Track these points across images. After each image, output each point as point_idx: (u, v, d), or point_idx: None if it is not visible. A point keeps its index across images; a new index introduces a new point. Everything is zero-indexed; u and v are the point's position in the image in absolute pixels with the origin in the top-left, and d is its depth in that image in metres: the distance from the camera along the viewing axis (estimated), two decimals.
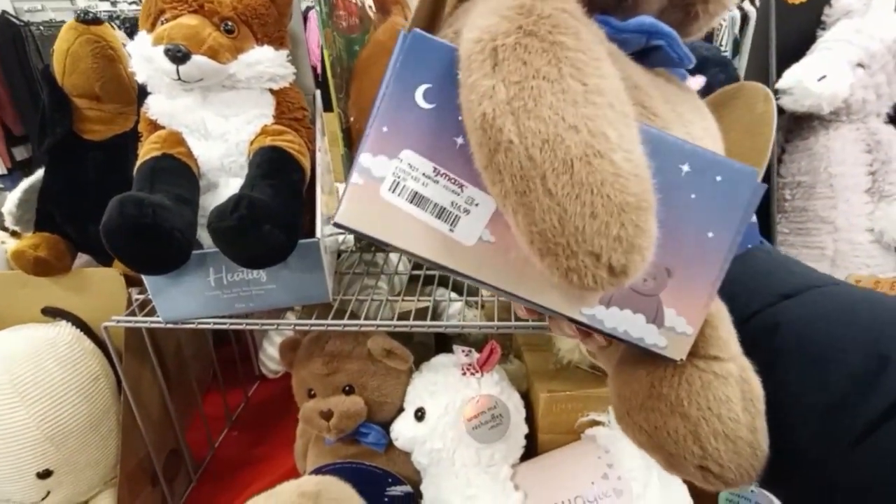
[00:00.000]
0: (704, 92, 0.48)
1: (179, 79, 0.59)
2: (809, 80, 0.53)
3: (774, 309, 0.31)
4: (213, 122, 0.64)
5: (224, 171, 0.65)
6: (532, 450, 0.74)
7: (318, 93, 0.77)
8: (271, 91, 0.66)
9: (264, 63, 0.64)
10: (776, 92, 0.57)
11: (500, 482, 0.66)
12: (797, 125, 0.60)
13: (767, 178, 0.55)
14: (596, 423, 0.72)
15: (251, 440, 1.02)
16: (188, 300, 0.63)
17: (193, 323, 0.65)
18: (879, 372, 0.26)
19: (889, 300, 0.30)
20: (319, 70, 0.83)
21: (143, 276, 0.62)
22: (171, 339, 0.86)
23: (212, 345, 1.04)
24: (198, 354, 0.98)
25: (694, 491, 0.67)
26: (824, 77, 0.53)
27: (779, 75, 0.57)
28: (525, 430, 0.72)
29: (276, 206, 0.56)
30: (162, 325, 0.66)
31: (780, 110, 0.58)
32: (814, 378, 0.28)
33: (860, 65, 0.51)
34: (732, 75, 0.49)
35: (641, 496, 0.63)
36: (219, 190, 0.65)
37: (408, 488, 0.72)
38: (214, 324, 0.65)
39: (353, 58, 0.73)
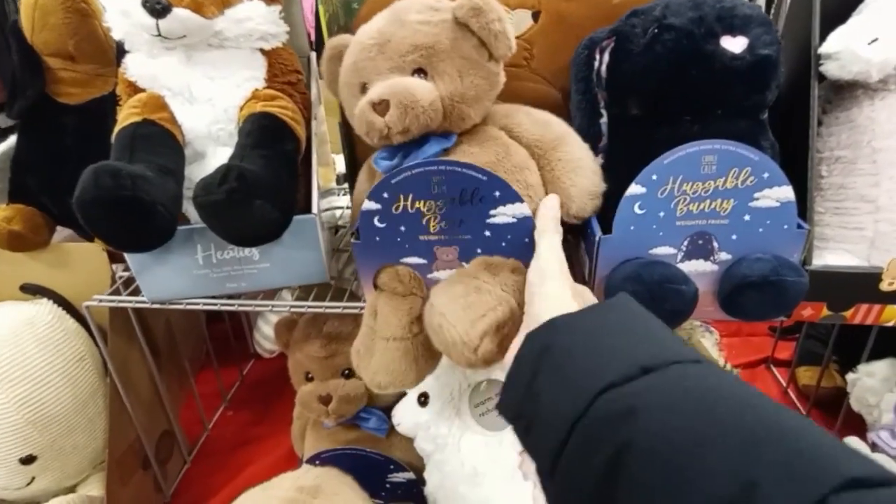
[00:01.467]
0: (749, 53, 0.43)
1: (160, 35, 0.53)
2: (858, 43, 0.48)
3: (633, 387, 0.27)
4: (199, 84, 0.58)
5: (212, 140, 0.59)
6: None
7: (313, 55, 0.71)
8: (262, 51, 0.60)
9: (254, 19, 0.58)
10: (819, 57, 0.51)
11: (507, 470, 0.63)
12: (838, 95, 0.55)
13: (805, 152, 0.50)
14: None
15: (247, 420, 0.99)
16: (175, 279, 0.59)
17: (181, 303, 0.61)
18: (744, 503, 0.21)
19: (749, 391, 0.26)
20: (314, 38, 0.77)
21: (126, 254, 0.57)
22: (159, 317, 0.82)
23: (204, 322, 1.00)
24: (189, 332, 0.94)
25: None
26: (875, 40, 0.47)
27: (822, 38, 0.52)
28: None
29: (269, 179, 0.50)
30: (147, 306, 0.61)
31: (821, 78, 0.52)
32: (669, 497, 0.23)
33: None
34: (776, 38, 0.44)
35: None
36: (206, 160, 0.60)
37: (410, 475, 0.69)
38: (204, 304, 0.61)
39: (352, 17, 0.67)
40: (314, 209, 0.57)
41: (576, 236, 0.57)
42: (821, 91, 0.55)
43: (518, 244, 0.46)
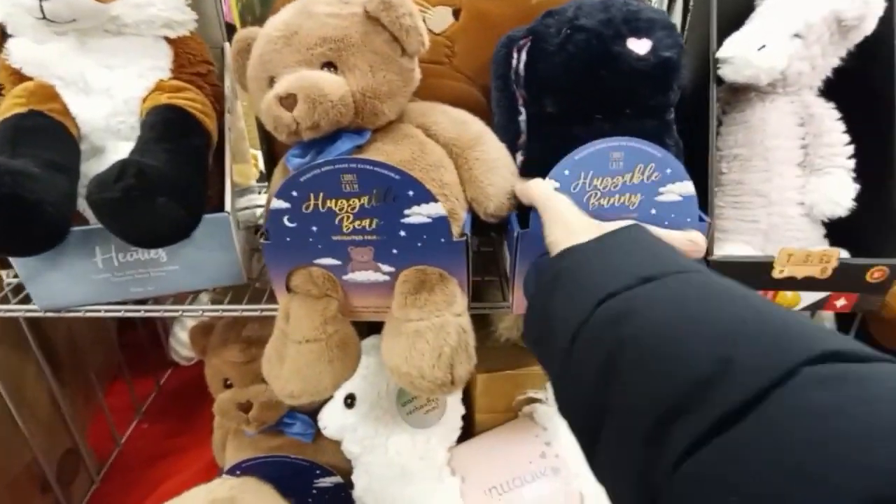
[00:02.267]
0: (653, 55, 0.45)
1: (45, 18, 0.48)
2: (749, 49, 0.51)
3: (632, 293, 0.28)
4: (95, 73, 0.53)
5: (111, 134, 0.55)
6: (469, 430, 0.72)
7: (227, 45, 0.67)
8: (168, 40, 0.56)
9: (157, 5, 0.54)
10: (716, 61, 0.55)
11: (436, 468, 0.63)
12: (734, 97, 0.59)
13: (706, 150, 0.53)
14: (533, 400, 0.70)
15: (164, 432, 0.93)
16: (71, 285, 0.54)
17: (80, 311, 0.56)
18: (715, 379, 0.22)
19: (747, 293, 0.27)
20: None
21: (12, 259, 0.52)
22: (59, 326, 0.75)
23: (115, 330, 0.93)
24: (97, 342, 0.88)
25: None
26: (763, 47, 0.51)
27: (719, 43, 0.55)
28: (462, 411, 0.69)
29: (173, 175, 0.47)
30: (41, 315, 0.56)
31: (719, 81, 0.56)
32: (653, 380, 0.24)
33: (797, 35, 0.49)
34: (678, 41, 0.46)
35: (578, 474, 0.63)
36: (105, 155, 0.55)
37: (338, 479, 0.67)
38: (106, 311, 0.56)
39: (268, 7, 0.64)
40: (227, 207, 0.55)
41: (501, 233, 0.57)
42: (720, 93, 0.59)
43: (434, 244, 0.46)
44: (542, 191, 0.45)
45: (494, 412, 0.72)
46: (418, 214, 0.44)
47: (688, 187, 0.47)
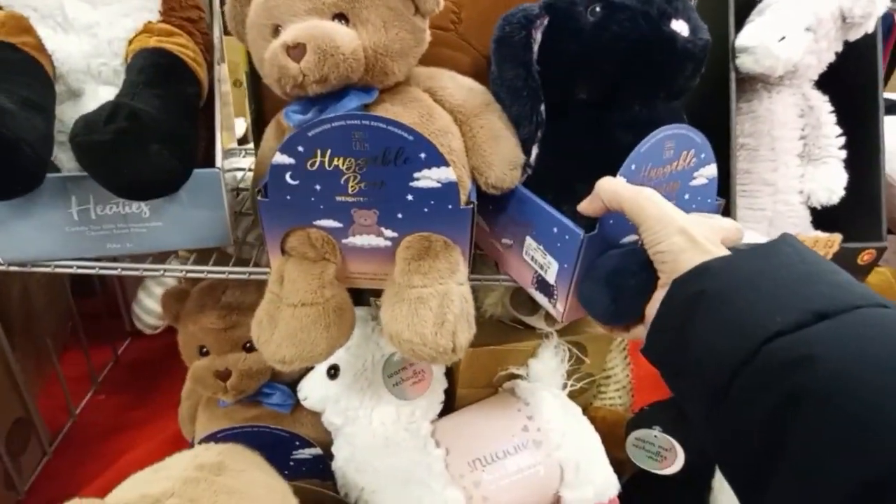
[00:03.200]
0: (695, 37, 0.44)
1: None
2: (771, 40, 0.52)
3: (807, 333, 0.25)
4: (76, 8, 0.49)
5: (91, 76, 0.51)
6: (449, 405, 0.72)
7: None
8: None
9: None
10: (734, 50, 0.55)
11: (420, 438, 0.63)
12: (740, 87, 0.60)
13: (727, 140, 0.54)
14: (515, 376, 0.71)
15: (122, 404, 0.89)
16: (41, 237, 0.50)
17: (48, 266, 0.52)
18: None
19: None
20: None
21: None
22: (14, 284, 0.70)
23: (69, 294, 0.87)
24: (52, 305, 0.82)
25: (604, 437, 0.70)
26: (784, 38, 0.52)
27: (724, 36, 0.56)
28: (445, 384, 0.69)
29: (166, 122, 0.45)
30: (3, 268, 0.52)
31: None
32: (846, 446, 0.22)
33: (809, 29, 0.51)
34: (701, 24, 0.46)
35: (559, 446, 0.64)
36: (83, 100, 0.51)
37: (317, 450, 0.66)
38: (78, 268, 0.53)
39: None
40: (218, 162, 0.52)
41: (491, 223, 0.55)
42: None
43: (441, 211, 0.45)
44: (632, 192, 0.38)
45: (476, 387, 0.72)
46: (428, 178, 0.43)
47: (713, 169, 0.46)
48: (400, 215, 0.45)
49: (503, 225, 0.53)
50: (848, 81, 0.56)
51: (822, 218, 0.58)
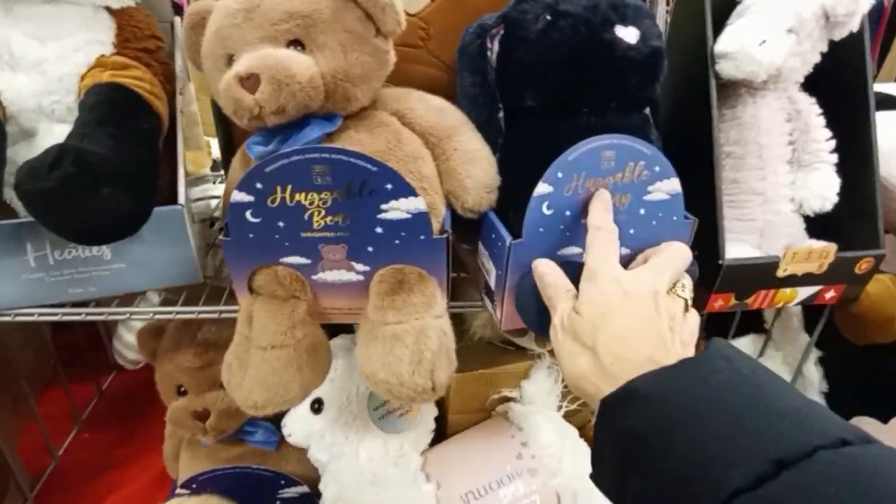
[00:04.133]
0: (643, 44, 0.43)
1: None
2: (752, 44, 0.50)
3: (769, 490, 0.21)
4: (23, 45, 0.47)
5: (43, 115, 0.49)
6: (442, 431, 0.69)
7: (177, 20, 0.61)
8: (110, 11, 0.50)
9: None
10: (713, 56, 0.52)
11: (410, 474, 0.60)
12: (723, 93, 0.57)
13: (710, 149, 0.51)
14: (508, 399, 0.69)
15: (107, 441, 0.86)
16: None
17: (9, 315, 0.50)
18: None
19: None
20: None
21: None
22: None
23: (48, 332, 0.85)
24: (28, 343, 0.79)
25: None
26: (764, 42, 0.49)
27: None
28: (435, 412, 0.66)
29: (119, 162, 0.42)
30: None
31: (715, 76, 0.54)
32: None
33: (790, 30, 0.49)
34: (660, 31, 0.45)
35: (556, 472, 0.62)
36: (37, 139, 0.49)
37: (304, 488, 0.64)
38: (40, 315, 0.50)
39: None
40: (180, 199, 0.50)
41: (473, 242, 0.54)
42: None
43: (413, 242, 0.42)
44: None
45: (468, 412, 0.70)
46: (396, 210, 0.41)
47: (675, 184, 0.45)
48: (370, 248, 0.43)
49: (466, 232, 0.52)
50: (836, 81, 0.53)
51: (816, 225, 0.55)
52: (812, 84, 0.54)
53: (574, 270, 0.42)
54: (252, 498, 0.60)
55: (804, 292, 0.54)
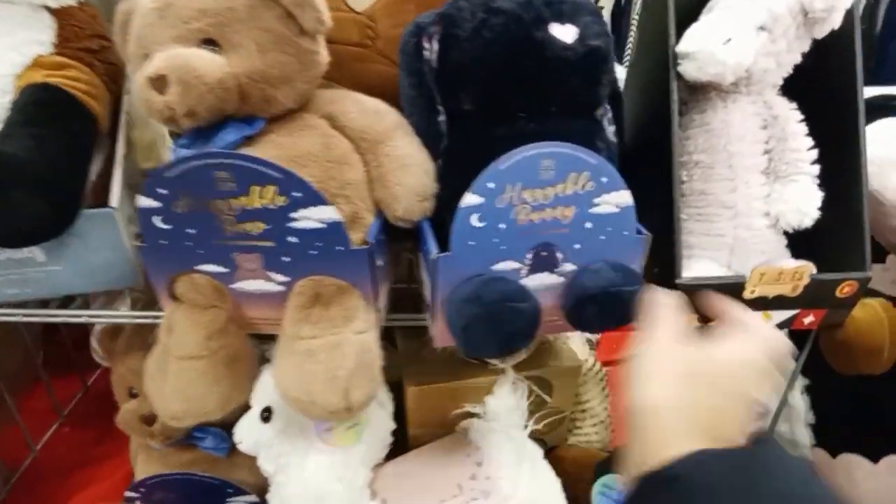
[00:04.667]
0: (580, 44, 0.40)
1: None
2: (714, 43, 0.45)
3: None
4: None
5: None
6: (403, 444, 0.67)
7: None
8: (50, 10, 0.50)
9: None
10: (676, 56, 0.48)
11: (356, 490, 0.58)
12: (692, 97, 0.53)
13: (669, 158, 0.47)
14: (471, 414, 0.65)
15: (86, 438, 0.86)
16: None
17: None
18: None
19: None
20: None
21: None
22: None
23: (36, 327, 0.86)
24: (9, 340, 0.81)
25: (574, 480, 0.64)
26: (729, 41, 0.45)
27: (677, 37, 0.50)
28: (392, 426, 0.63)
29: (36, 164, 0.41)
30: None
31: (679, 78, 0.50)
32: None
33: (762, 28, 0.44)
34: (605, 29, 0.41)
35: (511, 496, 0.58)
36: None
37: (252, 498, 0.62)
38: (24, 316, 0.51)
39: None
40: (112, 201, 0.49)
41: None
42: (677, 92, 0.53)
43: (331, 253, 0.40)
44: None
45: (429, 426, 0.67)
46: (307, 219, 0.39)
47: (625, 197, 0.41)
48: (286, 259, 0.41)
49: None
50: (822, 85, 0.48)
51: (803, 244, 0.50)
52: (796, 88, 0.49)
53: (502, 287, 0.40)
54: None
55: (778, 316, 0.49)
